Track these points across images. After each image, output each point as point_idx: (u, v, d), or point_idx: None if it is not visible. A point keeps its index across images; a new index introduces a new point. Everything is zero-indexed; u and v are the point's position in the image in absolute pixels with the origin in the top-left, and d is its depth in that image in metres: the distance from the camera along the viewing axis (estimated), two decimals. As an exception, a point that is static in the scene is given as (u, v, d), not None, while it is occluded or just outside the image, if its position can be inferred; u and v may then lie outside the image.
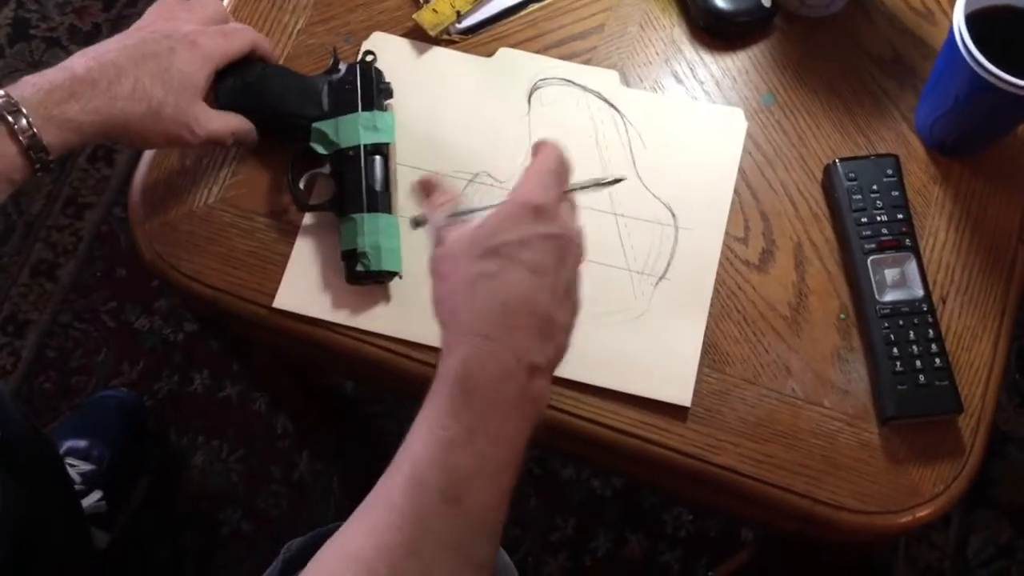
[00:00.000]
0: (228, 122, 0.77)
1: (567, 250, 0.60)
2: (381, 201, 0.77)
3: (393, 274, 0.77)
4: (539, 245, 0.58)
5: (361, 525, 0.54)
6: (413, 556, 0.52)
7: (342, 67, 0.80)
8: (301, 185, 0.79)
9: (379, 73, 0.80)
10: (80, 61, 0.70)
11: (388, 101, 0.81)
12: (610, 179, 0.73)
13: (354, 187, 0.77)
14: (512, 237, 0.58)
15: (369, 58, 0.81)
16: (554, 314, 0.58)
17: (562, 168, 0.63)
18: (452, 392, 0.55)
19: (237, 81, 0.79)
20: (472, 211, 0.64)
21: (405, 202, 0.79)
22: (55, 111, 0.68)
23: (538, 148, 0.65)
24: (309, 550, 0.72)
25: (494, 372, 0.55)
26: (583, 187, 0.68)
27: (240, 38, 0.78)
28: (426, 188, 0.67)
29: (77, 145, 0.71)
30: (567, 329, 0.60)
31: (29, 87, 0.68)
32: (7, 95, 0.67)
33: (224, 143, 0.78)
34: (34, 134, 0.67)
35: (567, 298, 0.60)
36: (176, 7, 0.77)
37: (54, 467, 1.11)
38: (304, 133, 0.79)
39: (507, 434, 0.55)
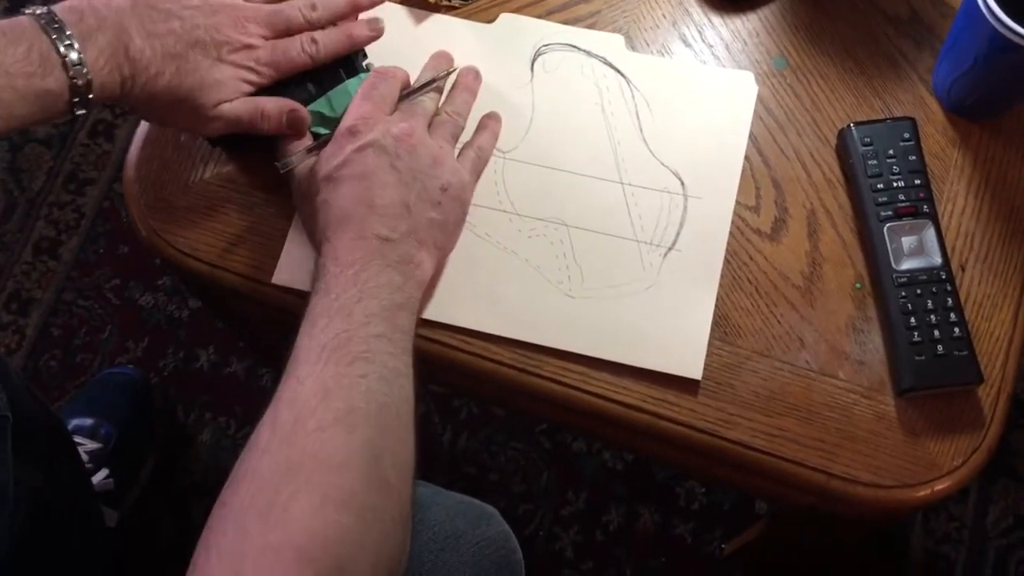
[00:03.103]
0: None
1: (389, 148, 0.70)
2: None
3: None
4: (356, 158, 0.69)
5: (283, 390, 0.61)
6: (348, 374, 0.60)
7: None
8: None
9: None
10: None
11: (367, 61, 0.79)
12: (443, 73, 0.76)
13: None
14: (335, 162, 0.69)
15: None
16: (399, 198, 0.69)
17: (380, 83, 0.74)
18: (317, 281, 0.65)
19: None
20: (321, 145, 0.73)
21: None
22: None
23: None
24: None
25: (345, 243, 0.66)
26: (418, 90, 0.76)
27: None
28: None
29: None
30: (425, 204, 0.70)
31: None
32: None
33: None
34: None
35: (413, 181, 0.70)
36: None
37: (64, 446, 1.10)
38: None
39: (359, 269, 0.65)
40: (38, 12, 0.66)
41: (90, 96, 0.67)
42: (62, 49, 0.65)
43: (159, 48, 0.68)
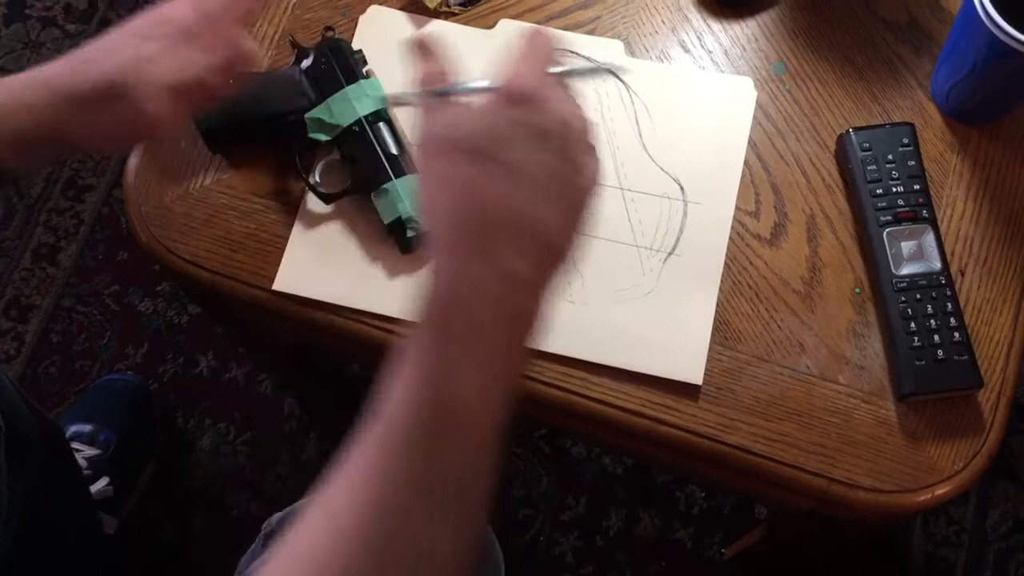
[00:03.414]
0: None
1: (558, 143, 0.52)
2: (404, 163, 0.76)
3: None
4: (522, 142, 0.51)
5: (340, 478, 0.48)
6: (384, 512, 0.46)
7: (310, 52, 0.78)
8: (317, 178, 0.78)
9: (347, 43, 0.79)
10: None
11: (366, 68, 0.79)
12: (604, 66, 0.61)
13: (372, 160, 0.75)
14: (493, 134, 0.51)
15: (329, 34, 0.79)
16: (539, 215, 0.50)
17: (550, 50, 0.55)
18: (427, 323, 0.49)
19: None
20: (459, 91, 0.56)
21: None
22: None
23: (524, 35, 0.56)
24: (288, 523, 0.71)
25: (467, 290, 0.49)
26: (578, 73, 0.58)
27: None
28: (422, 50, 0.58)
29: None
30: (562, 231, 0.52)
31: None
32: None
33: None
34: None
35: (561, 196, 0.52)
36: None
37: (61, 453, 1.10)
38: (300, 127, 0.77)
39: (483, 358, 0.48)
40: None
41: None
42: None
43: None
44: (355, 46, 0.80)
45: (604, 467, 1.29)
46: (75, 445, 1.21)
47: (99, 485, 1.19)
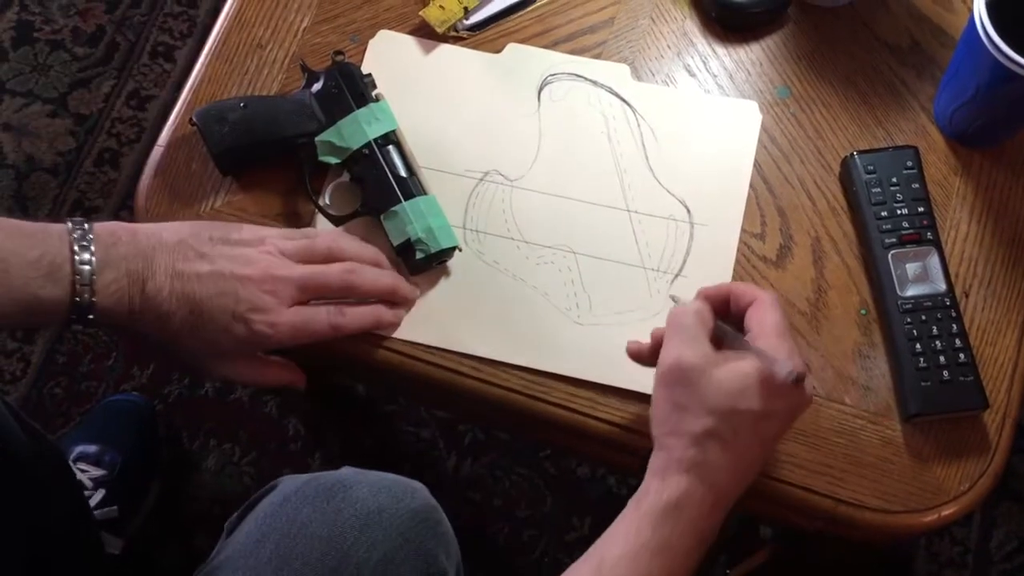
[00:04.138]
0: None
1: (794, 416, 0.65)
2: (413, 185, 0.77)
3: (453, 249, 0.77)
4: (777, 420, 0.64)
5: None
6: None
7: (320, 76, 0.79)
8: (327, 200, 0.78)
9: (357, 67, 0.80)
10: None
11: (376, 91, 0.80)
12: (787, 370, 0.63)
13: (382, 182, 0.76)
14: (758, 408, 0.61)
15: (339, 58, 0.80)
16: (760, 466, 0.65)
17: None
18: (660, 511, 0.61)
19: (223, 127, 0.77)
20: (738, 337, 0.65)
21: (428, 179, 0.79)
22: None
23: (757, 301, 0.66)
24: (244, 515, 0.75)
25: (697, 512, 0.61)
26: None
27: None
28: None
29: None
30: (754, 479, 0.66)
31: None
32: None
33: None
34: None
35: (773, 448, 0.68)
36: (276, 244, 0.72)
37: (61, 474, 1.10)
38: (310, 150, 0.78)
39: (687, 553, 0.61)
40: (74, 224, 0.66)
41: (90, 316, 0.66)
42: (77, 265, 0.64)
43: (178, 288, 0.67)
44: (365, 70, 0.80)
45: (609, 487, 1.29)
46: (81, 466, 1.21)
47: (103, 508, 1.19)
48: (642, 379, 0.74)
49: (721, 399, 0.61)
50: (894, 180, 0.76)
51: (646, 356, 0.69)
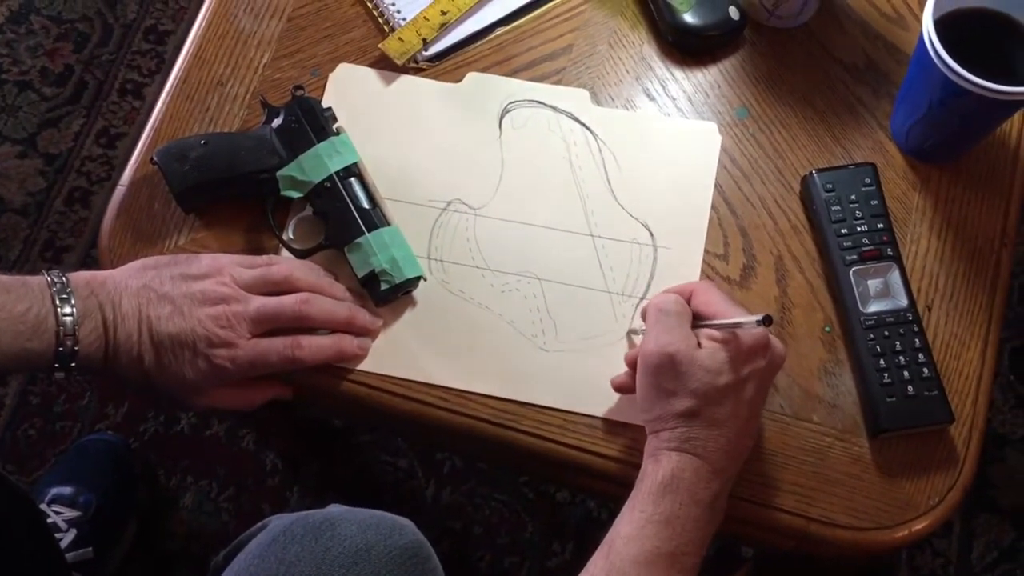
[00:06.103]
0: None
1: (772, 373, 0.69)
2: (376, 217, 0.77)
3: (417, 279, 0.77)
4: (754, 382, 0.67)
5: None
6: None
7: (281, 111, 0.79)
8: (291, 234, 0.78)
9: (317, 101, 0.80)
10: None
11: (336, 125, 0.80)
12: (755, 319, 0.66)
13: (345, 215, 0.77)
14: (732, 378, 0.66)
15: (299, 92, 0.80)
16: (752, 428, 0.68)
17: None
18: (658, 488, 0.65)
19: (183, 165, 0.77)
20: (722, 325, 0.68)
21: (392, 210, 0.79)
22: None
23: (696, 291, 0.71)
24: (232, 555, 0.74)
25: (694, 481, 0.65)
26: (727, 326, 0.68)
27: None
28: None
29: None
30: (752, 443, 0.70)
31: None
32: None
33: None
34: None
35: (760, 408, 0.69)
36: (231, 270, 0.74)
37: (28, 519, 1.09)
38: (272, 185, 0.78)
39: (694, 522, 0.65)
40: (53, 278, 0.70)
41: (72, 364, 0.70)
42: (61, 317, 0.68)
43: (144, 331, 0.71)
44: (326, 103, 0.81)
45: (589, 511, 1.29)
46: (55, 507, 1.20)
47: (75, 549, 1.17)
48: (611, 405, 0.74)
49: (703, 378, 0.65)
50: (853, 197, 0.77)
51: (631, 384, 0.72)
